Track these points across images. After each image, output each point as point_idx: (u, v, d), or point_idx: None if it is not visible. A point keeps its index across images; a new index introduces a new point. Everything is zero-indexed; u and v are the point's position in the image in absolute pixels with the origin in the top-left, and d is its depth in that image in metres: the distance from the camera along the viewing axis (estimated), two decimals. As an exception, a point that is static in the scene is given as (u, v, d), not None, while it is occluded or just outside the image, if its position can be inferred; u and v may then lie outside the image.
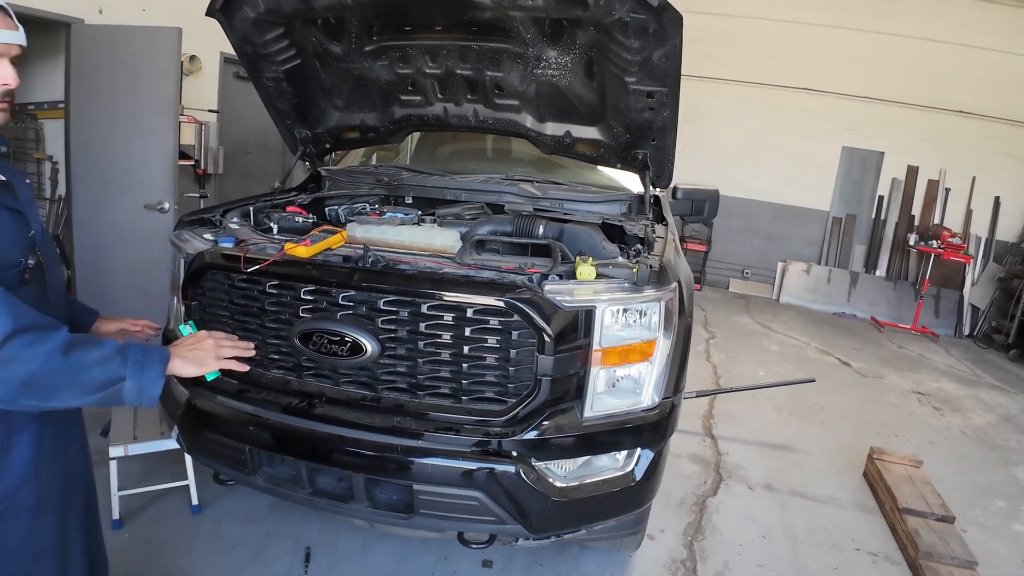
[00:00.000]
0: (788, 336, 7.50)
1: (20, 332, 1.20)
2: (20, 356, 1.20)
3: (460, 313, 1.92)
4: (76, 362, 1.26)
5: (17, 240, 1.41)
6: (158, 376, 1.38)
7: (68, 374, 1.26)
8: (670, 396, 2.22)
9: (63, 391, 1.27)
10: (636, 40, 2.25)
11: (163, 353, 1.44)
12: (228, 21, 2.62)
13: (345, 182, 3.22)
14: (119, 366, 1.32)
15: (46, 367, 1.22)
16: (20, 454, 1.40)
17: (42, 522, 1.47)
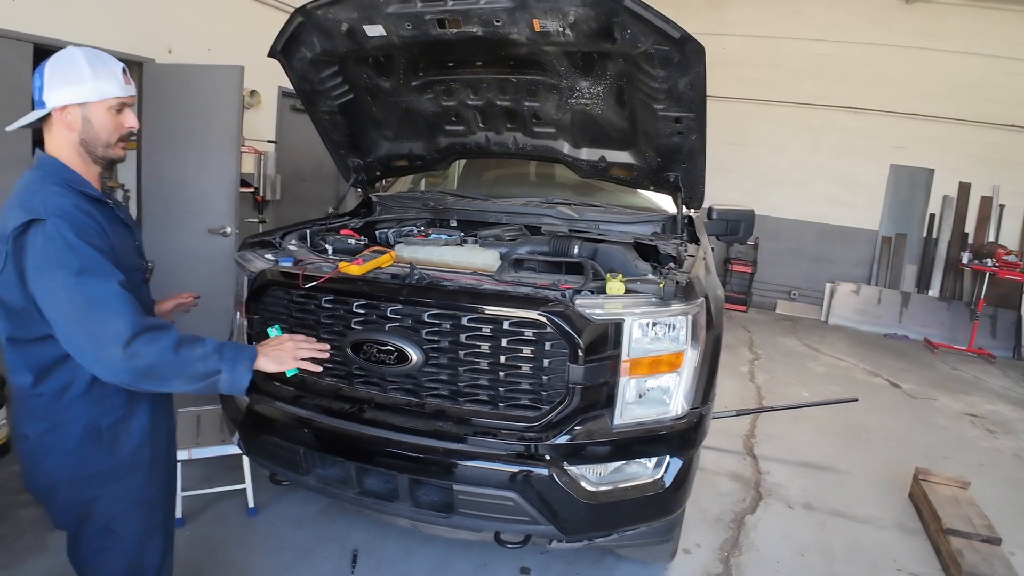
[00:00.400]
0: (835, 357, 7.40)
1: (142, 332, 1.49)
2: (142, 352, 1.48)
3: (497, 325, 2.08)
4: (184, 357, 1.55)
5: (132, 248, 1.76)
6: (247, 371, 1.64)
7: (178, 366, 1.54)
8: (698, 406, 2.32)
9: (173, 380, 1.56)
10: (662, 70, 2.41)
11: (252, 352, 1.70)
12: (288, 61, 2.88)
13: (394, 207, 3.44)
14: (217, 361, 1.59)
15: (161, 360, 1.51)
16: (139, 420, 1.72)
17: (154, 477, 1.79)
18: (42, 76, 1.59)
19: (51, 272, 1.47)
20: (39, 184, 1.57)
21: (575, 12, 2.30)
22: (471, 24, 2.46)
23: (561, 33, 2.40)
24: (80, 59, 1.59)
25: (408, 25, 2.55)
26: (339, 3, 2.56)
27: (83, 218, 1.54)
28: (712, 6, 9.36)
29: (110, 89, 1.61)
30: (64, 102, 1.58)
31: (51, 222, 1.48)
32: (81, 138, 1.62)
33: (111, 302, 1.49)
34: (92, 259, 1.50)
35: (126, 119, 1.68)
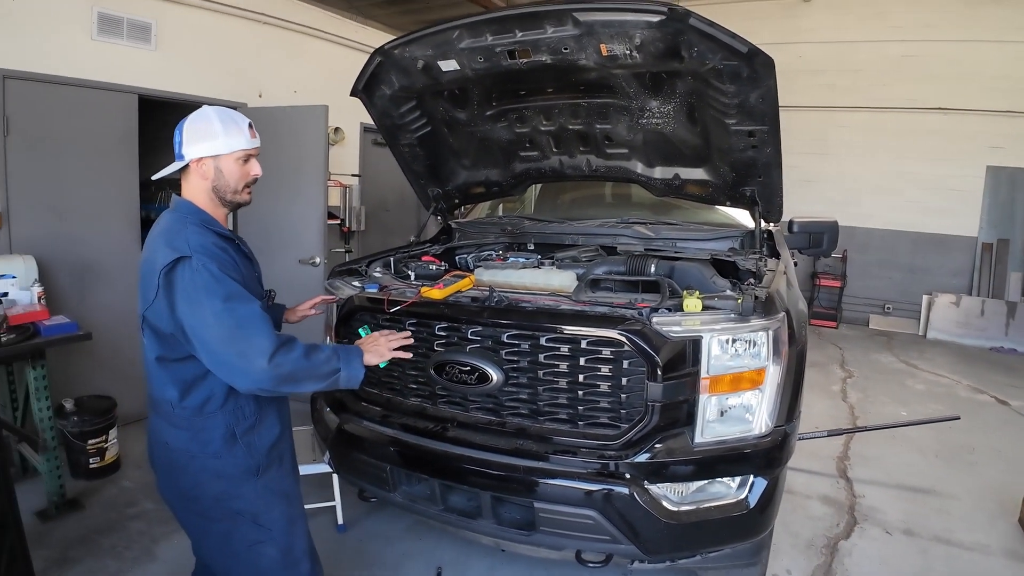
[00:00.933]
0: (935, 374, 6.96)
1: (281, 345, 1.71)
2: (282, 361, 1.70)
3: (575, 344, 2.12)
4: (313, 362, 1.78)
5: (254, 278, 2.00)
6: (360, 367, 1.89)
7: (309, 370, 1.77)
8: (783, 424, 2.27)
9: (305, 381, 1.78)
10: (731, 85, 2.41)
11: (359, 350, 1.94)
12: (369, 99, 3.05)
13: (473, 232, 3.55)
14: (336, 361, 1.83)
15: (297, 367, 1.73)
16: (268, 425, 1.94)
17: (288, 470, 2.03)
18: (181, 132, 1.83)
19: (200, 301, 1.68)
20: (180, 225, 1.78)
21: (641, 34, 2.34)
22: (540, 53, 2.54)
23: (628, 56, 2.45)
24: (213, 117, 1.83)
25: (480, 58, 2.66)
26: (415, 42, 2.71)
27: (221, 253, 1.77)
28: (787, 14, 9.16)
29: (238, 143, 1.85)
30: (199, 155, 1.81)
31: (196, 258, 1.69)
32: (213, 185, 1.85)
33: (256, 322, 1.71)
34: (235, 287, 1.72)
35: (252, 168, 1.92)
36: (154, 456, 1.94)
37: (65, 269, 4.15)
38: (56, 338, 3.30)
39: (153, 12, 4.53)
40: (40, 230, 4.02)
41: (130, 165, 4.49)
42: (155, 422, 1.91)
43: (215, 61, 5.09)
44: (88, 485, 3.72)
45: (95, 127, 4.25)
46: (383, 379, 2.57)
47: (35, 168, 3.96)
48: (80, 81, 4.12)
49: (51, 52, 3.98)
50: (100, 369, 4.34)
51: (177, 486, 1.90)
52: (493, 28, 2.55)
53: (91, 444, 3.69)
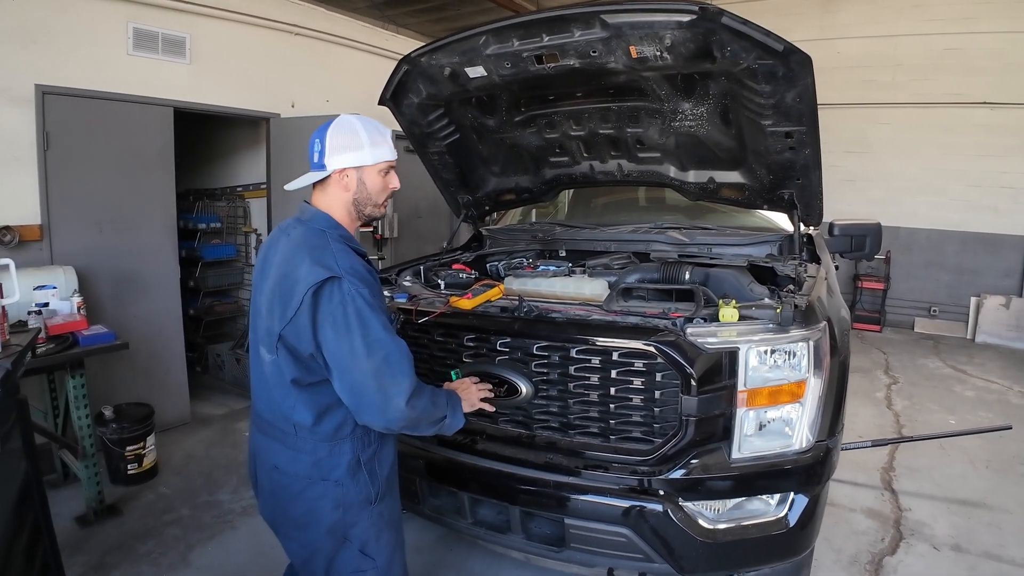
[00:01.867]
0: (985, 380, 6.67)
1: (416, 389, 1.67)
2: (417, 405, 1.67)
3: (606, 356, 2.06)
4: (437, 408, 1.76)
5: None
6: (461, 416, 1.87)
7: (430, 417, 1.74)
8: (825, 439, 2.17)
9: (422, 426, 1.75)
10: (767, 85, 2.32)
11: (458, 398, 1.90)
12: (397, 108, 3.04)
13: (504, 239, 3.51)
14: (444, 408, 1.80)
15: (424, 412, 1.71)
16: (387, 451, 1.89)
17: (397, 497, 1.97)
18: (323, 141, 1.77)
19: (350, 328, 1.61)
20: (321, 239, 1.71)
21: (671, 35, 2.28)
22: (568, 57, 2.50)
23: (659, 57, 2.39)
24: (359, 127, 1.78)
25: (507, 64, 2.62)
26: (441, 49, 2.69)
27: (370, 277, 1.70)
28: (823, 10, 8.94)
29: (383, 154, 1.80)
30: (344, 165, 1.76)
31: (347, 281, 1.62)
32: (355, 198, 1.79)
33: (402, 361, 1.66)
34: (385, 319, 1.66)
35: (391, 180, 1.86)
36: (259, 478, 1.88)
37: (104, 279, 4.23)
38: (94, 348, 3.35)
39: (187, 27, 4.61)
40: (80, 242, 4.10)
41: (167, 177, 4.56)
42: (266, 444, 1.83)
43: (248, 73, 5.16)
44: (127, 491, 3.78)
45: (132, 140, 4.33)
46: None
47: (75, 182, 4.05)
48: (117, 95, 4.21)
49: (88, 68, 4.08)
50: (139, 377, 4.42)
51: (286, 512, 1.83)
52: (519, 33, 2.51)
53: (129, 451, 3.74)
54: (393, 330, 1.67)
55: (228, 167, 6.33)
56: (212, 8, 4.73)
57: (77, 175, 4.07)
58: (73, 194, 4.06)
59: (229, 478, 4.03)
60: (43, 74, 3.86)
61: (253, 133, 5.75)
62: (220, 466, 4.17)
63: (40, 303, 3.49)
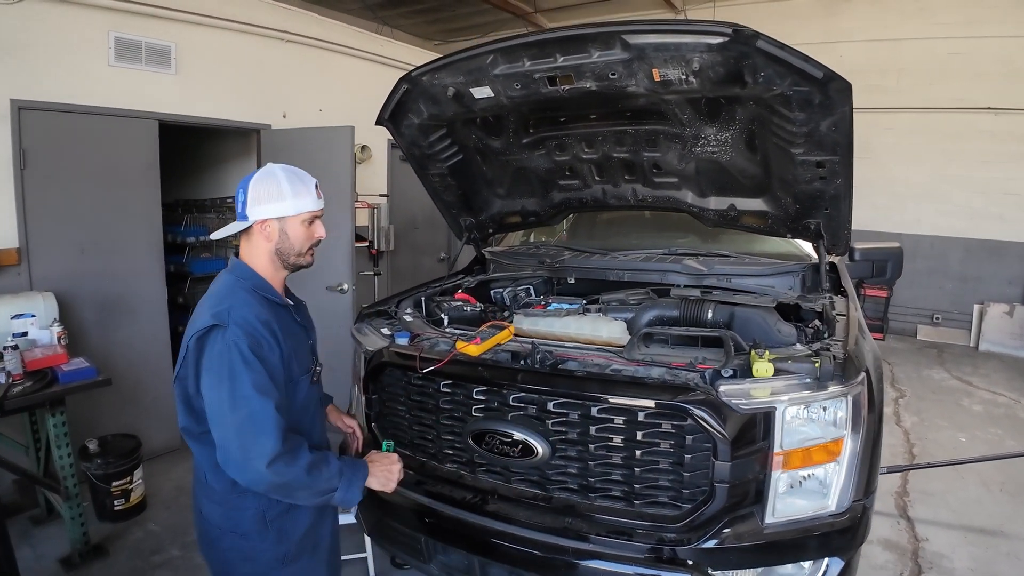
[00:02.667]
0: (993, 392, 6.54)
1: (285, 453, 1.59)
2: (282, 471, 1.59)
3: (631, 416, 1.88)
4: (313, 479, 1.65)
5: (306, 349, 1.88)
6: (359, 492, 1.75)
7: (306, 486, 1.65)
8: (861, 499, 2.00)
9: (299, 494, 1.67)
10: (801, 112, 2.15)
11: (364, 472, 1.80)
12: (396, 128, 2.84)
13: (508, 264, 3.32)
14: (336, 481, 1.69)
15: (295, 480, 1.62)
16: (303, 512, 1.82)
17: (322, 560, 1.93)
18: (246, 191, 1.75)
19: (222, 380, 1.59)
20: (230, 289, 1.72)
21: (700, 58, 2.09)
22: (584, 79, 2.31)
23: (684, 81, 2.20)
24: (281, 177, 1.76)
25: (517, 85, 2.43)
26: (444, 68, 2.50)
27: (261, 331, 1.66)
28: (826, 13, 8.79)
29: (305, 204, 1.78)
30: (265, 216, 1.74)
31: (231, 331, 1.61)
32: (277, 248, 1.78)
33: (267, 422, 1.58)
34: (260, 376, 1.60)
35: (316, 229, 1.85)
36: (194, 518, 1.87)
37: (88, 304, 4.02)
38: (74, 385, 3.15)
39: (172, 35, 4.38)
40: (61, 266, 3.89)
41: (153, 193, 4.35)
42: (194, 486, 1.86)
43: (237, 82, 4.93)
44: (114, 528, 3.61)
45: (116, 156, 4.11)
46: (416, 441, 2.35)
47: (55, 202, 3.84)
48: (98, 109, 3.98)
49: (68, 81, 3.85)
50: (125, 404, 4.22)
51: (208, 557, 1.86)
52: (531, 52, 2.32)
53: (116, 486, 3.55)
54: (267, 392, 1.60)
55: (218, 177, 6.11)
56: (198, 15, 4.50)
57: (57, 194, 3.85)
58: (53, 215, 3.84)
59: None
60: (19, 88, 3.63)
61: (244, 143, 5.53)
62: (210, 499, 3.97)
63: (18, 333, 3.29)
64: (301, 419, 1.81)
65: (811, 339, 2.32)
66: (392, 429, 2.44)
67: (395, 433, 2.43)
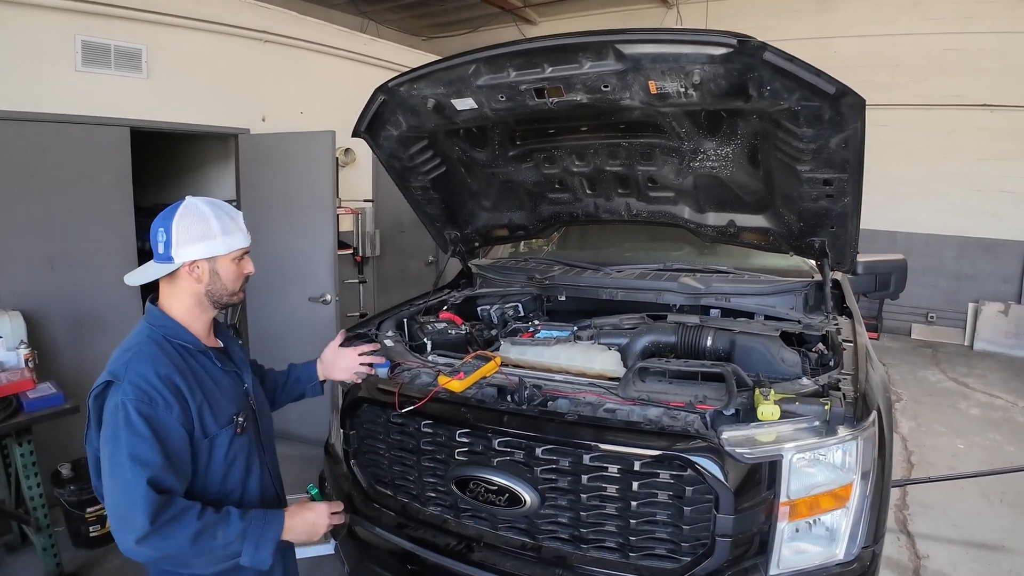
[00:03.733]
0: (989, 394, 6.45)
1: (153, 531, 1.41)
2: (157, 545, 1.43)
3: (626, 465, 1.73)
4: (201, 547, 1.48)
5: (234, 397, 1.71)
6: (269, 551, 1.57)
7: (197, 555, 1.49)
8: (870, 545, 1.87)
9: (194, 564, 1.52)
10: (809, 128, 1.99)
11: (278, 526, 1.61)
12: (374, 140, 2.67)
13: (496, 280, 3.17)
14: (238, 545, 1.52)
15: (178, 552, 1.46)
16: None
17: None
18: (168, 231, 1.59)
19: (106, 441, 1.49)
20: (138, 339, 1.59)
21: (701, 70, 1.93)
22: (574, 92, 2.14)
23: (683, 94, 2.04)
24: (208, 214, 1.62)
25: (502, 97, 2.26)
26: (423, 78, 2.33)
27: (157, 388, 1.51)
28: (819, 8, 8.65)
29: (237, 241, 1.67)
30: (195, 257, 1.60)
31: (123, 388, 1.48)
32: (208, 289, 1.66)
33: (136, 496, 1.43)
34: (140, 443, 1.46)
35: (246, 266, 1.73)
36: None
37: (58, 321, 3.85)
38: (40, 414, 2.99)
39: (143, 37, 4.18)
40: (29, 282, 3.72)
41: (125, 203, 4.17)
42: None
43: (213, 86, 4.74)
44: (89, 555, 3.46)
45: (85, 166, 3.93)
46: (397, 482, 2.20)
47: (21, 215, 3.66)
48: (66, 117, 3.80)
49: (33, 87, 3.67)
50: (99, 424, 4.05)
51: None
52: (517, 62, 2.14)
53: (90, 512, 3.43)
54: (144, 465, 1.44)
55: (197, 181, 5.93)
56: (171, 16, 4.30)
57: (23, 207, 3.67)
58: (19, 229, 3.66)
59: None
60: (-21, 97, 3.45)
61: (223, 146, 5.36)
62: (189, 522, 3.82)
63: (-17, 355, 3.14)
64: (227, 477, 1.66)
65: (816, 367, 2.18)
66: (372, 467, 2.29)
67: (375, 471, 2.28)
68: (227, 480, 1.66)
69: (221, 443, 1.63)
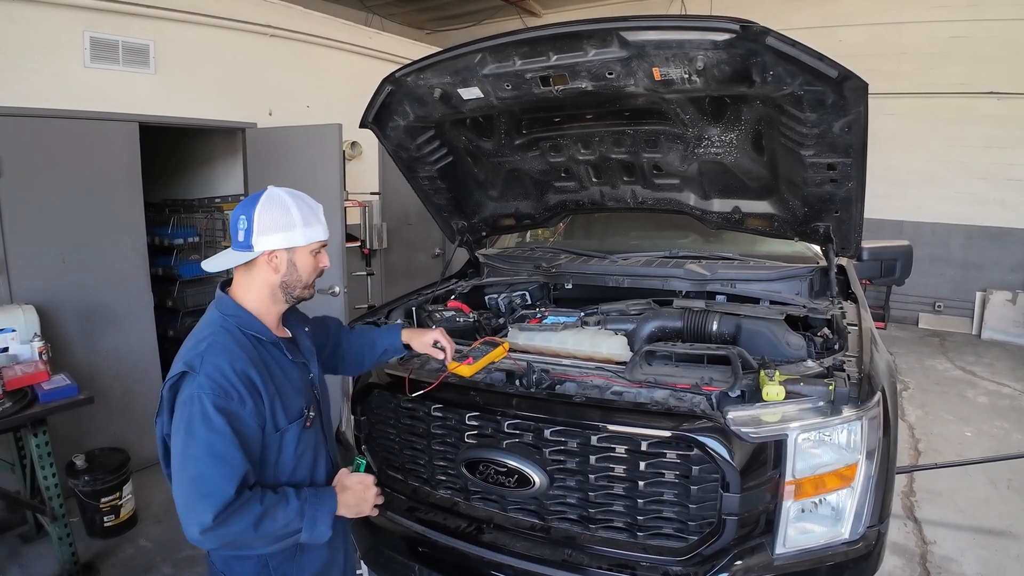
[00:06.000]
0: (997, 383, 6.44)
1: (220, 520, 1.44)
2: (222, 532, 1.46)
3: (633, 445, 1.76)
4: (264, 531, 1.51)
5: (302, 388, 1.72)
6: (327, 527, 1.61)
7: (257, 538, 1.52)
8: (876, 524, 1.89)
9: (254, 547, 1.55)
10: (812, 113, 2.01)
11: (332, 503, 1.65)
12: (382, 131, 2.70)
13: (503, 268, 3.19)
14: (298, 523, 1.56)
15: (241, 537, 1.50)
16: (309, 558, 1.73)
17: None
18: (250, 219, 1.59)
19: (178, 431, 1.49)
20: (211, 329, 1.59)
21: (704, 56, 1.94)
22: (579, 79, 2.16)
23: (687, 80, 2.06)
24: (290, 204, 1.62)
25: (507, 85, 2.29)
26: (430, 68, 2.35)
27: (234, 382, 1.52)
28: (825, -4, 8.61)
29: (316, 234, 1.66)
30: (274, 246, 1.60)
31: (198, 380, 1.49)
32: (283, 280, 1.65)
33: (208, 490, 1.46)
34: (217, 437, 1.47)
35: (322, 259, 1.73)
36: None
37: (70, 315, 3.90)
38: (55, 405, 3.03)
39: (150, 32, 4.22)
40: (41, 276, 3.76)
41: (135, 197, 4.20)
42: None
43: (220, 80, 4.77)
44: (104, 545, 3.51)
45: (95, 161, 3.96)
46: (408, 466, 2.24)
47: (33, 210, 3.70)
48: (75, 113, 3.84)
49: (42, 84, 3.71)
50: (114, 415, 4.12)
51: None
52: (522, 51, 2.17)
53: (104, 502, 3.47)
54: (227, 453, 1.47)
55: (205, 177, 5.95)
56: (177, 12, 4.33)
57: (35, 203, 3.71)
58: (31, 224, 3.70)
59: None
60: (-9, 95, 3.49)
61: (231, 140, 5.38)
62: (202, 512, 3.87)
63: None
64: (296, 469, 1.68)
65: (821, 350, 2.20)
66: (383, 452, 2.33)
67: (386, 456, 2.32)
68: (295, 472, 1.68)
69: (291, 437, 1.64)
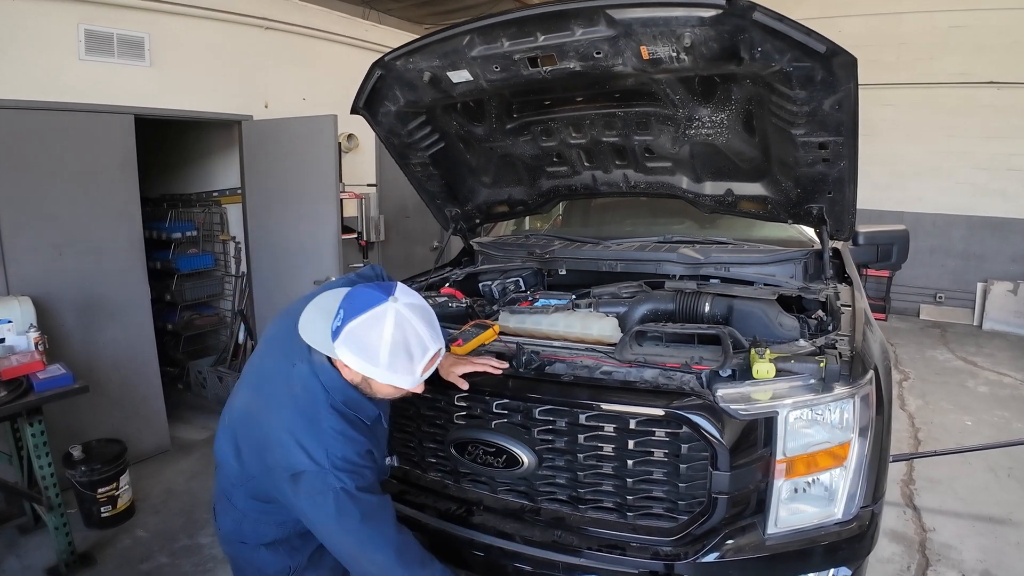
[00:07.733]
0: (997, 373, 6.41)
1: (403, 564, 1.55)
2: None
3: (622, 424, 1.75)
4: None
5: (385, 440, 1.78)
6: None
7: None
8: (869, 504, 1.87)
9: None
10: (802, 90, 1.99)
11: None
12: (373, 117, 2.69)
13: (497, 256, 3.18)
14: None
15: None
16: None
17: None
18: (344, 321, 1.50)
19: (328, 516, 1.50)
20: (317, 409, 1.55)
21: (691, 33, 1.93)
22: (567, 59, 2.15)
23: (675, 59, 2.04)
24: (386, 343, 1.48)
25: (496, 67, 2.28)
26: (418, 52, 2.34)
27: (361, 465, 1.55)
28: (825, -14, 8.57)
29: (399, 381, 1.54)
30: (350, 365, 1.53)
31: (334, 476, 1.49)
32: (358, 385, 1.60)
33: (380, 540, 1.54)
34: (370, 505, 1.53)
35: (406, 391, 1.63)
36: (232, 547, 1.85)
37: (67, 307, 3.90)
38: (50, 394, 3.04)
39: (145, 25, 4.22)
40: (38, 268, 3.76)
41: (131, 189, 4.20)
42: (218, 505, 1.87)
43: (216, 73, 4.77)
44: (101, 535, 3.53)
45: (90, 154, 3.96)
46: (399, 449, 2.23)
47: (28, 203, 3.70)
48: (70, 106, 3.84)
49: (36, 77, 3.71)
50: (111, 407, 4.12)
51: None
52: (510, 32, 2.15)
53: (101, 493, 3.49)
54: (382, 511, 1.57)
55: (202, 171, 5.96)
56: (172, 4, 4.33)
57: (31, 196, 3.71)
58: (27, 217, 3.71)
59: (209, 517, 3.73)
60: (-15, 87, 3.50)
61: (228, 134, 5.39)
62: (200, 502, 3.88)
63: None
64: None
65: (814, 332, 2.18)
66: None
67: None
68: None
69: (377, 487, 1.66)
